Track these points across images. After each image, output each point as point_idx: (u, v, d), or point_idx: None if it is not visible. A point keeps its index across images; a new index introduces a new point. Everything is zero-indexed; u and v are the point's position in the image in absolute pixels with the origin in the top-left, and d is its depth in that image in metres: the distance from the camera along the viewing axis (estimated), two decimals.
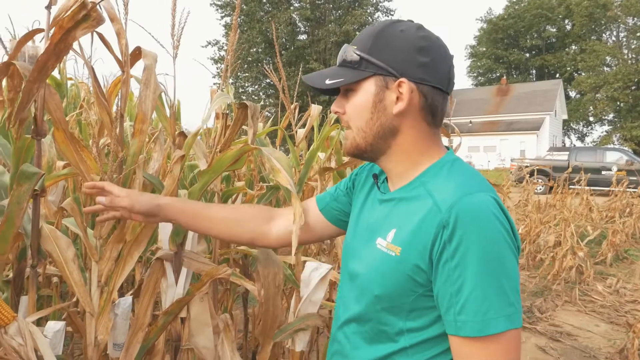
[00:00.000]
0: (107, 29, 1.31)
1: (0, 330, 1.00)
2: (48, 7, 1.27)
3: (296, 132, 2.12)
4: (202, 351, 1.46)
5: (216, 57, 34.94)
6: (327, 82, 0.94)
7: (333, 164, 2.37)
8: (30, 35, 1.32)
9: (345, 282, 1.05)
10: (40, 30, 1.32)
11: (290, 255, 1.91)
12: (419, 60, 0.90)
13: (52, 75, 2.46)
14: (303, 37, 36.37)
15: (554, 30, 45.53)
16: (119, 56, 1.39)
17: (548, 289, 5.18)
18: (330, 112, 2.25)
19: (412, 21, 0.95)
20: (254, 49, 34.55)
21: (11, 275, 1.63)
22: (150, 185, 1.51)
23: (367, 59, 0.91)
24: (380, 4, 36.99)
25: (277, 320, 1.63)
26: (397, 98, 0.91)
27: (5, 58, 1.30)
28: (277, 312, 1.62)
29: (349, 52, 0.94)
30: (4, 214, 1.12)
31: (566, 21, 44.50)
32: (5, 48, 1.79)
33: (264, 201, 2.09)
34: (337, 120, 2.39)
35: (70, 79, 3.30)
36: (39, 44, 1.45)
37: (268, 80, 34.27)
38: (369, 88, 0.93)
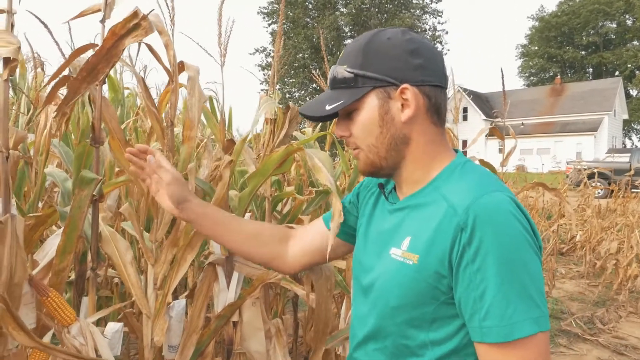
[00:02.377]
0: (156, 40, 1.36)
1: (64, 329, 1.04)
2: (102, 21, 1.33)
3: None
4: (254, 355, 1.47)
5: (263, 64, 35.59)
6: (327, 107, 0.90)
7: None
8: (84, 49, 1.38)
9: (359, 298, 1.01)
10: (94, 45, 1.38)
11: (342, 261, 1.90)
12: (413, 63, 0.88)
13: (111, 79, 2.57)
14: (349, 41, 36.43)
15: (613, 25, 43.35)
16: (168, 67, 1.44)
17: (611, 299, 4.90)
18: None
19: (394, 27, 0.93)
20: (300, 55, 34.94)
21: (73, 276, 1.71)
22: (201, 190, 1.54)
23: (362, 74, 0.89)
24: (428, 6, 36.56)
25: (329, 324, 1.61)
26: (403, 105, 0.89)
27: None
28: (329, 316, 1.61)
29: (340, 71, 0.91)
30: (67, 217, 1.17)
31: (627, 16, 42.27)
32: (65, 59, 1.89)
33: (313, 206, 2.09)
34: None
35: (127, 88, 3.44)
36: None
37: (314, 85, 34.55)
38: (371, 103, 0.90)
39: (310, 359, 1.61)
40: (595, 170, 9.76)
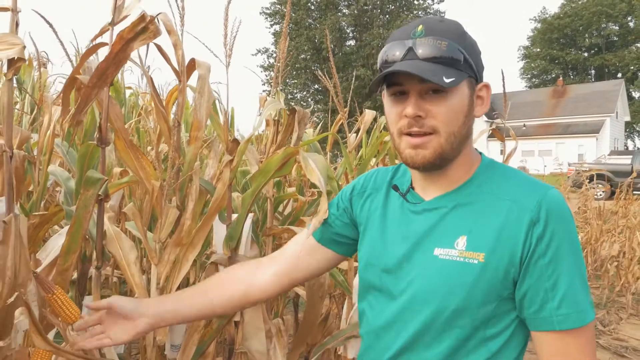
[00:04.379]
0: (164, 40, 1.36)
1: (68, 327, 1.05)
2: (112, 24, 1.34)
3: (349, 137, 2.12)
4: (255, 355, 1.48)
5: (266, 65, 35.59)
6: (446, 80, 0.82)
7: None
8: (94, 49, 1.38)
9: (382, 305, 0.96)
10: (104, 44, 1.39)
11: (343, 261, 1.91)
12: (482, 64, 0.91)
13: (114, 81, 2.58)
14: (351, 42, 36.45)
15: (616, 27, 43.28)
16: (176, 66, 1.44)
17: (612, 301, 4.90)
18: (379, 117, 2.23)
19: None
20: (302, 56, 34.95)
21: (75, 276, 1.72)
22: (205, 192, 1.55)
23: (467, 59, 0.86)
24: (430, 7, 36.54)
25: (313, 327, 1.63)
26: (481, 102, 0.91)
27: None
28: (315, 322, 1.62)
29: (455, 50, 0.84)
30: (73, 217, 1.18)
31: (629, 18, 42.21)
32: (71, 62, 1.90)
33: (315, 207, 2.09)
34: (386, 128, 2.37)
35: (129, 88, 3.45)
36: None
37: (316, 86, 34.55)
38: (464, 91, 0.87)
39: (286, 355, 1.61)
40: (595, 173, 9.74)
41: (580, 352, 0.81)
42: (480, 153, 0.98)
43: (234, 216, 1.59)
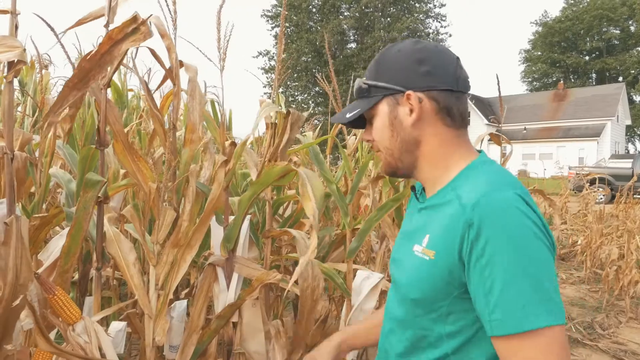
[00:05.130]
0: (157, 43, 1.37)
1: (68, 327, 1.06)
2: (106, 26, 1.34)
3: (347, 140, 2.13)
4: (253, 356, 1.49)
5: (267, 67, 35.64)
6: (347, 115, 1.00)
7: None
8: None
9: (392, 291, 1.08)
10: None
11: (342, 263, 1.92)
12: (420, 70, 0.94)
13: (114, 83, 2.59)
14: (352, 45, 36.50)
15: (617, 31, 43.30)
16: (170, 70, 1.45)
17: (611, 305, 4.90)
18: None
19: (410, 39, 1.00)
20: (303, 59, 35.00)
21: (76, 277, 1.73)
22: (202, 194, 1.56)
23: (374, 85, 0.97)
24: (432, 10, 36.61)
25: (309, 331, 1.63)
26: (410, 110, 0.95)
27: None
28: (310, 325, 1.62)
29: (358, 84, 1.00)
30: (73, 218, 1.19)
31: (630, 22, 42.24)
32: (72, 64, 1.91)
33: None
34: None
35: (132, 90, 3.46)
36: None
37: (317, 89, 34.57)
38: (383, 109, 0.98)
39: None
40: (597, 177, 9.73)
41: (527, 358, 0.78)
42: (481, 152, 1.01)
43: (231, 218, 1.60)
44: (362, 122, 1.05)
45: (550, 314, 0.77)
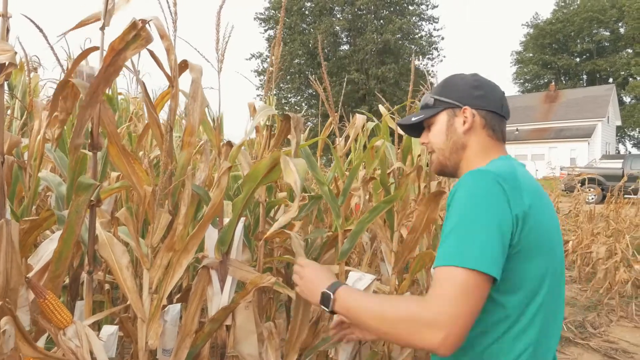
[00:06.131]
0: (154, 44, 1.36)
1: (59, 332, 1.06)
2: (102, 28, 1.34)
3: (338, 142, 2.13)
4: (246, 358, 1.49)
5: (260, 70, 35.59)
6: (413, 119, 1.29)
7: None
8: (85, 53, 1.39)
9: None
10: (95, 49, 1.39)
11: (334, 265, 1.92)
12: (474, 93, 1.22)
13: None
14: (345, 47, 36.54)
15: (607, 33, 43.70)
16: (168, 71, 1.43)
17: (602, 304, 4.94)
18: (367, 121, 2.26)
19: (469, 73, 1.29)
20: (296, 61, 34.99)
21: (67, 281, 1.72)
22: (196, 196, 1.56)
23: (439, 99, 1.25)
24: (424, 13, 36.74)
25: (303, 332, 1.63)
26: (464, 121, 1.21)
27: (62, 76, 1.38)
28: (304, 327, 1.63)
29: (427, 97, 1.29)
30: (65, 222, 1.18)
31: (620, 24, 42.65)
32: (62, 67, 1.90)
33: (305, 210, 2.11)
34: (374, 132, 2.39)
35: (120, 93, 3.45)
36: (94, 65, 1.52)
37: (310, 91, 34.57)
38: (442, 118, 1.25)
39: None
40: (587, 177, 9.80)
41: (435, 285, 0.96)
42: (506, 156, 1.21)
43: (226, 220, 1.60)
44: (418, 131, 1.33)
45: (466, 259, 0.94)
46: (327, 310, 1.10)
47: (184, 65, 1.48)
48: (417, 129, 1.33)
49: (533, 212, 1.01)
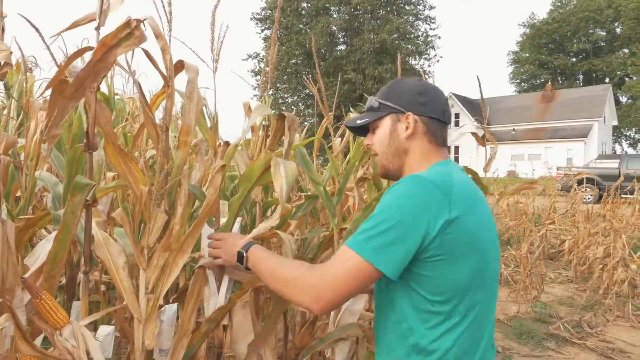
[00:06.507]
0: (150, 44, 1.35)
1: (56, 332, 1.05)
2: (97, 28, 1.33)
3: (333, 142, 2.13)
4: (243, 359, 1.49)
5: (256, 70, 35.57)
6: (358, 122, 1.33)
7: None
8: (80, 52, 1.38)
9: None
10: (90, 49, 1.39)
11: None
12: (419, 100, 1.25)
13: (101, 90, 2.57)
14: (342, 47, 36.55)
15: (603, 33, 43.85)
16: (164, 71, 1.43)
17: (598, 303, 4.96)
18: None
19: (414, 78, 1.34)
20: (293, 61, 34.99)
21: (64, 281, 1.72)
22: (192, 196, 1.55)
23: (384, 103, 1.28)
24: (421, 13, 36.80)
25: (300, 332, 1.63)
26: (406, 127, 1.24)
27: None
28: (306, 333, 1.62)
29: (372, 100, 1.31)
30: (61, 222, 1.18)
31: (616, 24, 42.79)
32: (58, 67, 1.90)
33: (302, 210, 2.11)
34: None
35: (117, 93, 3.44)
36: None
37: (307, 91, 34.57)
38: (386, 123, 1.28)
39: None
40: (585, 177, 9.83)
41: (332, 258, 1.12)
42: (440, 163, 1.23)
43: (222, 221, 1.60)
44: (365, 131, 1.35)
45: (364, 249, 1.06)
46: (242, 267, 1.28)
47: (180, 65, 1.47)
48: (363, 130, 1.36)
49: (461, 219, 1.08)
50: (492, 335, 1.22)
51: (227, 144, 1.67)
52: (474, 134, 2.72)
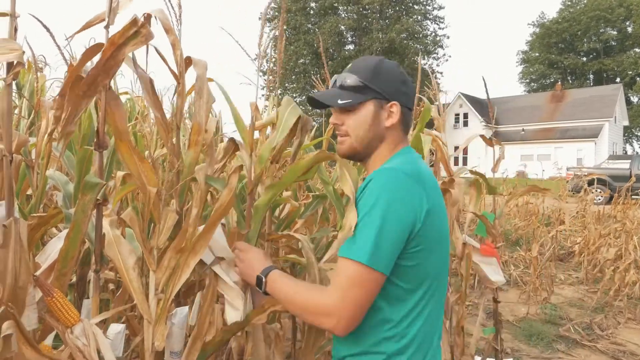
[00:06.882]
0: (160, 40, 1.33)
1: (67, 330, 1.06)
2: (107, 27, 1.33)
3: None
4: None
5: (265, 69, 35.54)
6: (340, 102, 1.23)
7: None
8: (94, 50, 1.38)
9: None
10: (102, 46, 1.39)
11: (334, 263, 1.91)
12: (401, 89, 1.25)
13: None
14: (350, 47, 36.50)
15: (614, 32, 43.40)
16: (174, 68, 1.41)
17: (609, 305, 4.90)
18: None
19: (390, 60, 1.29)
20: (301, 60, 35.00)
21: (74, 279, 1.73)
22: (205, 195, 1.54)
23: (369, 86, 1.22)
24: (430, 13, 36.66)
25: (320, 339, 1.62)
26: (388, 115, 1.23)
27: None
28: (320, 332, 1.61)
29: (352, 78, 1.23)
30: (72, 221, 1.18)
31: (627, 22, 42.34)
32: (68, 65, 1.91)
33: (310, 210, 2.10)
34: None
35: (126, 93, 3.46)
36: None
37: (315, 91, 34.55)
38: (369, 107, 1.23)
39: None
40: (596, 177, 9.73)
41: (334, 275, 1.12)
42: (407, 150, 1.27)
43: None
44: (324, 106, 1.27)
45: (361, 254, 1.05)
46: (261, 291, 1.26)
47: (187, 62, 1.45)
48: (321, 105, 1.28)
49: (434, 209, 1.12)
50: (442, 321, 1.29)
51: (232, 141, 1.64)
52: (482, 136, 2.70)
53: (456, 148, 3.25)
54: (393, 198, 1.07)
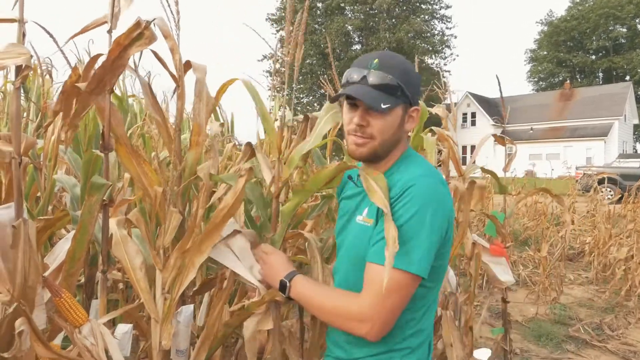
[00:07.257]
0: (160, 46, 1.36)
1: (75, 330, 1.07)
2: (110, 31, 1.35)
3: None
4: None
5: (271, 70, 35.67)
6: (383, 106, 1.15)
7: None
8: (95, 59, 1.39)
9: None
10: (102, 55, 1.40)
11: None
12: (419, 92, 1.26)
13: (114, 92, 2.61)
14: (357, 47, 36.47)
15: (624, 30, 42.99)
16: (174, 71, 1.43)
17: (620, 305, 4.86)
18: None
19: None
20: (308, 61, 35.03)
21: (83, 280, 1.75)
22: (209, 195, 1.55)
23: (403, 89, 1.17)
24: (437, 12, 36.54)
25: (322, 340, 1.62)
26: (409, 119, 1.23)
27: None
28: (323, 332, 1.61)
29: (388, 79, 1.16)
30: (78, 222, 1.20)
31: (637, 20, 41.94)
32: (72, 68, 1.92)
33: (317, 211, 2.10)
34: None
35: (133, 95, 3.49)
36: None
37: (322, 91, 34.58)
38: (398, 112, 1.19)
39: None
40: (606, 177, 9.65)
41: (369, 281, 1.10)
42: (412, 151, 1.28)
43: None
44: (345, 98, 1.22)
45: (406, 262, 1.06)
46: (284, 296, 1.25)
47: (187, 66, 1.47)
48: (338, 99, 1.28)
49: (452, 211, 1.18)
50: None
51: (249, 145, 1.66)
52: (494, 135, 2.69)
53: (464, 148, 3.23)
54: (435, 209, 1.10)
